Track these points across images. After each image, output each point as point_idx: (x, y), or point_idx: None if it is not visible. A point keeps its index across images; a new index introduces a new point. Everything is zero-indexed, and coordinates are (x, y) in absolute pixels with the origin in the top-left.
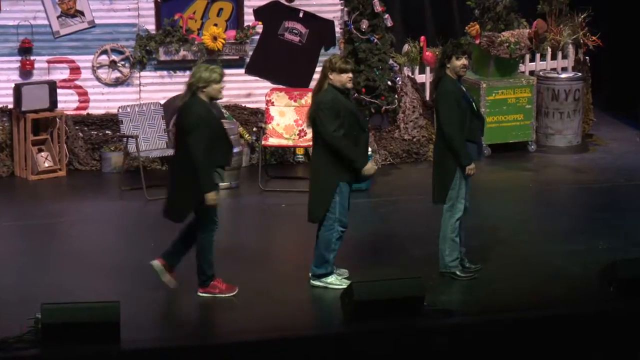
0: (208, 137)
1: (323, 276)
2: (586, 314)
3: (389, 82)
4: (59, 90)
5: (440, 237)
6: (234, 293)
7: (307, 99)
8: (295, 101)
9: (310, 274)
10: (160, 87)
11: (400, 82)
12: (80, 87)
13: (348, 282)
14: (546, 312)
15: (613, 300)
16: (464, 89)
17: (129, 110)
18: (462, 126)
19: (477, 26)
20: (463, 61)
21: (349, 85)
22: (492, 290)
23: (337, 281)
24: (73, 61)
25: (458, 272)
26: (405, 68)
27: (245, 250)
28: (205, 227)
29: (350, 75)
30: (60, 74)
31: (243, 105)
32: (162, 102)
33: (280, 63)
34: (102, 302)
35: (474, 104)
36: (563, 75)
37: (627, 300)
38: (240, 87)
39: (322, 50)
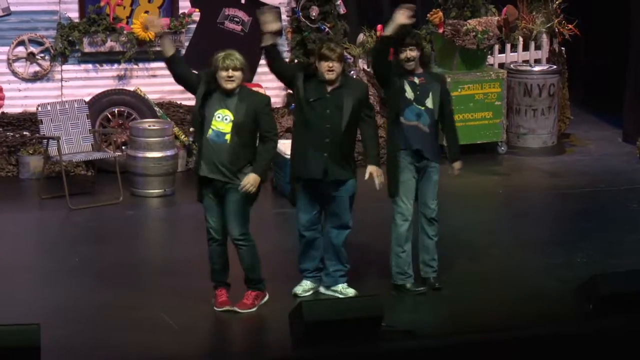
0: None
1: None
2: (563, 334)
3: None
4: None
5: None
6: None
7: None
8: None
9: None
10: (85, 82)
11: (354, 76)
12: None
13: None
14: (519, 333)
15: (592, 319)
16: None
17: (49, 108)
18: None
19: (440, 13)
20: (406, 54)
21: (329, 76)
22: (459, 310)
23: (303, 287)
24: None
25: (408, 285)
26: (360, 60)
27: (182, 265)
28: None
29: (331, 64)
30: None
31: (178, 102)
32: (87, 99)
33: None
34: (20, 325)
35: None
36: (536, 68)
37: (608, 318)
38: (175, 83)
39: None
